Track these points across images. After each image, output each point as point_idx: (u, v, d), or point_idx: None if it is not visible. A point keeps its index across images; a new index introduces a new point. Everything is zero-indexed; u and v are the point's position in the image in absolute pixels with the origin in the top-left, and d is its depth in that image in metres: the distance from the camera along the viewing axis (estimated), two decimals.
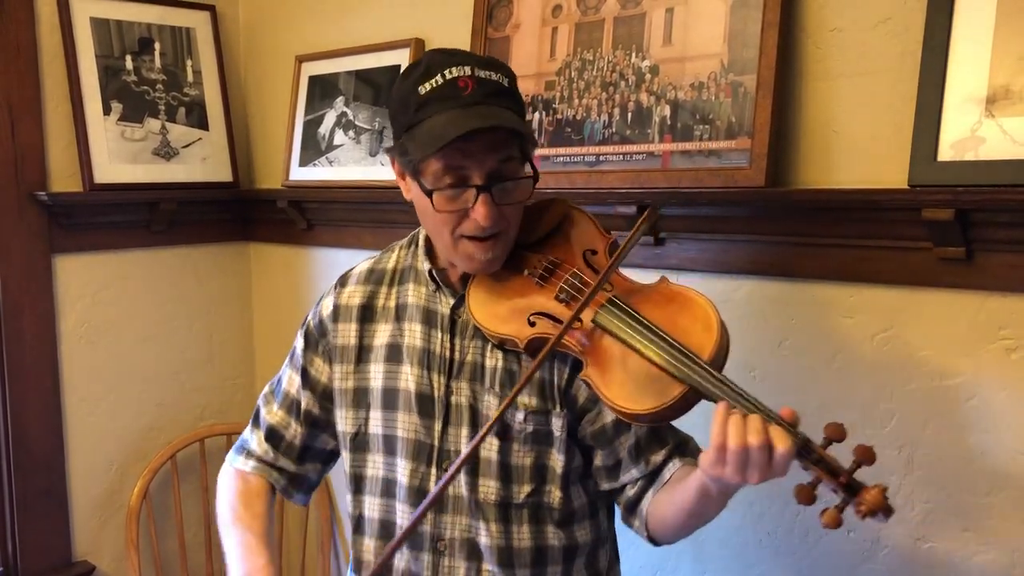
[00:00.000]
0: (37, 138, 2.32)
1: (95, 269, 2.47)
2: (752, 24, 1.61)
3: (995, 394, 1.44)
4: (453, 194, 1.24)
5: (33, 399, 2.35)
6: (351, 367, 1.43)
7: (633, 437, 1.32)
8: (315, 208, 2.50)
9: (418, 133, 1.22)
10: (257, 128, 2.77)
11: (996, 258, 1.41)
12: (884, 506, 1.06)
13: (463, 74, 1.22)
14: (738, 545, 1.77)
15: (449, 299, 1.37)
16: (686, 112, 1.70)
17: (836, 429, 1.10)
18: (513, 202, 1.27)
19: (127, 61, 2.46)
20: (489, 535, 1.32)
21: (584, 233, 1.36)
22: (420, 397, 1.36)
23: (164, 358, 2.62)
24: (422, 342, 1.37)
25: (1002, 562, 1.46)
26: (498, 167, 1.23)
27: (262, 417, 1.52)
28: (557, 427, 1.32)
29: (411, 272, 1.43)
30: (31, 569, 2.36)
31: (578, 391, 1.33)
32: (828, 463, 1.09)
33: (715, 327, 1.17)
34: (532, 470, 1.33)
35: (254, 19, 2.74)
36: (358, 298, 1.44)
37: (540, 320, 1.27)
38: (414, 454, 1.36)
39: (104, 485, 2.52)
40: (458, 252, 1.29)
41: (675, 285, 1.28)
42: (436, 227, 1.29)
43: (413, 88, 1.24)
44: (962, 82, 1.39)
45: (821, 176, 1.59)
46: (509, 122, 1.22)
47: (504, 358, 1.34)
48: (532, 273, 1.32)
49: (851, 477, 1.08)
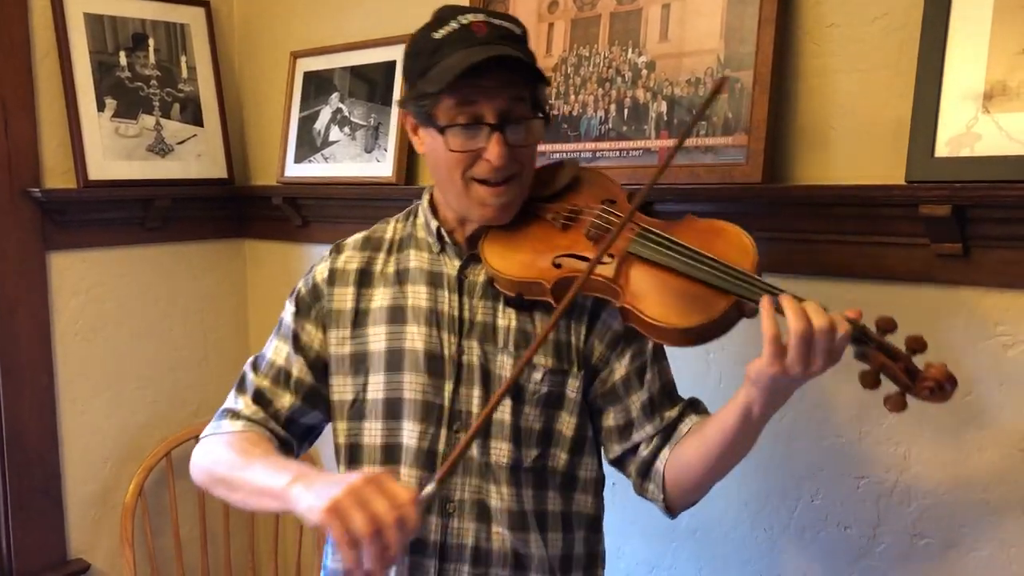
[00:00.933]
0: (30, 135, 2.30)
1: (89, 266, 2.46)
2: (748, 20, 1.60)
3: (992, 390, 1.44)
4: (467, 133, 1.24)
5: (27, 397, 2.34)
6: (347, 331, 1.38)
7: (646, 394, 1.33)
8: (310, 205, 2.49)
9: (433, 73, 1.23)
10: (252, 124, 2.76)
11: (993, 254, 1.41)
12: (949, 375, 1.10)
13: (477, 19, 1.24)
14: (736, 540, 1.77)
15: (455, 260, 1.36)
16: (683, 108, 1.70)
17: (888, 321, 1.13)
18: (526, 144, 1.27)
19: (121, 57, 2.45)
20: (500, 497, 1.31)
21: (600, 185, 1.38)
22: (429, 356, 1.33)
23: (159, 355, 2.61)
24: (428, 302, 1.35)
25: (999, 558, 1.46)
26: (510, 106, 1.24)
27: (248, 381, 1.42)
28: (573, 388, 1.32)
29: (410, 240, 1.41)
30: (26, 567, 2.35)
31: (592, 350, 1.33)
32: (888, 347, 1.12)
33: (751, 248, 1.21)
34: (540, 434, 1.32)
35: (249, 15, 2.73)
36: (355, 263, 1.41)
37: (567, 261, 1.27)
38: (423, 415, 1.32)
39: (99, 482, 2.51)
40: (471, 198, 1.29)
41: (703, 219, 1.29)
42: (448, 171, 1.28)
43: (427, 36, 1.26)
44: (959, 78, 1.39)
45: (818, 172, 1.59)
46: (522, 55, 1.23)
47: (517, 317, 1.32)
48: (555, 218, 1.32)
49: (910, 360, 1.12)
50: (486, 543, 1.32)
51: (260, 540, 2.74)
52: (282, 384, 1.41)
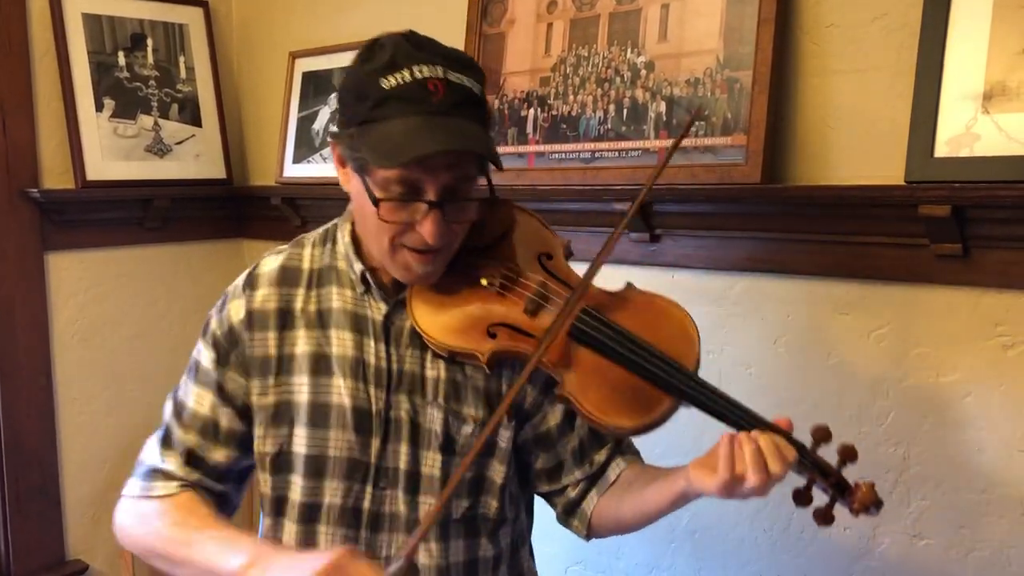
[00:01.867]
0: (29, 135, 2.30)
1: (88, 266, 2.46)
2: (748, 20, 1.60)
3: (991, 391, 1.44)
4: (403, 205, 1.13)
5: (26, 397, 2.34)
6: (270, 380, 1.27)
7: (576, 439, 1.29)
8: (309, 205, 2.49)
9: (375, 135, 1.10)
10: (251, 125, 2.76)
11: (992, 254, 1.41)
12: (876, 500, 1.11)
13: (434, 75, 1.10)
14: (735, 541, 1.77)
15: (381, 304, 1.25)
16: (682, 108, 1.69)
17: (823, 431, 1.12)
18: (463, 220, 1.18)
19: (119, 57, 2.45)
20: (429, 554, 1.25)
21: (535, 236, 1.28)
22: (357, 412, 1.24)
23: (157, 355, 2.61)
24: (354, 351, 1.24)
25: (998, 559, 1.46)
26: (454, 184, 1.13)
27: (176, 438, 1.31)
28: (504, 438, 1.27)
29: (331, 273, 1.28)
30: (24, 568, 2.35)
31: (525, 397, 1.27)
32: (821, 465, 1.12)
33: (694, 336, 1.16)
34: (471, 484, 1.26)
35: (247, 15, 2.73)
36: (273, 302, 1.28)
37: (501, 331, 1.19)
38: (347, 473, 1.24)
39: (97, 483, 2.51)
40: (395, 261, 1.19)
41: (645, 292, 1.23)
42: (375, 233, 1.17)
43: (374, 79, 1.10)
44: (958, 78, 1.39)
45: (817, 172, 1.59)
46: (478, 145, 1.12)
47: (446, 368, 1.24)
48: (490, 283, 1.23)
49: (841, 476, 1.12)
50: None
51: None
52: (211, 437, 1.30)
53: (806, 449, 1.11)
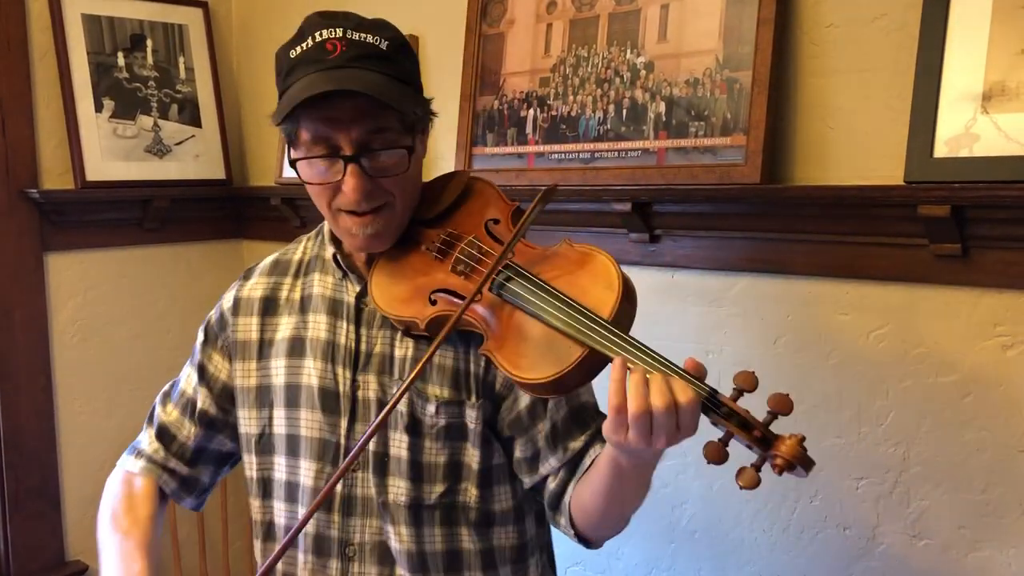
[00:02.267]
0: (28, 135, 2.30)
1: (87, 267, 2.45)
2: (747, 20, 1.60)
3: (991, 391, 1.44)
4: (323, 164, 1.16)
5: (25, 398, 2.33)
6: (253, 363, 1.33)
7: (549, 423, 1.24)
8: (308, 205, 2.48)
9: (283, 99, 1.17)
10: (250, 125, 2.76)
11: (992, 255, 1.41)
12: (801, 456, 0.96)
13: (332, 36, 1.16)
14: (734, 542, 1.77)
15: (355, 286, 1.29)
16: (681, 109, 1.69)
17: (746, 378, 1.00)
18: (391, 173, 1.18)
19: (119, 58, 2.45)
20: (399, 539, 1.24)
21: (486, 203, 1.27)
22: (324, 392, 1.27)
23: (157, 356, 2.61)
24: (327, 334, 1.29)
25: (998, 559, 1.46)
26: (367, 137, 1.15)
27: (156, 415, 1.43)
28: (472, 419, 1.24)
29: (317, 262, 1.34)
30: (24, 569, 2.34)
31: (495, 377, 1.25)
32: (739, 416, 0.99)
33: (616, 284, 1.08)
34: (445, 468, 1.24)
35: (247, 16, 2.73)
36: (260, 290, 1.36)
37: (441, 298, 1.19)
38: (319, 454, 1.27)
39: (97, 484, 2.47)
40: (340, 228, 1.22)
41: (578, 245, 1.17)
42: (317, 201, 1.22)
43: (286, 52, 1.20)
44: (958, 79, 1.39)
45: (817, 173, 1.59)
46: (367, 87, 1.11)
47: (415, 347, 1.25)
48: (430, 248, 1.24)
49: (766, 429, 0.99)
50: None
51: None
52: (187, 414, 1.40)
53: (717, 394, 1.00)
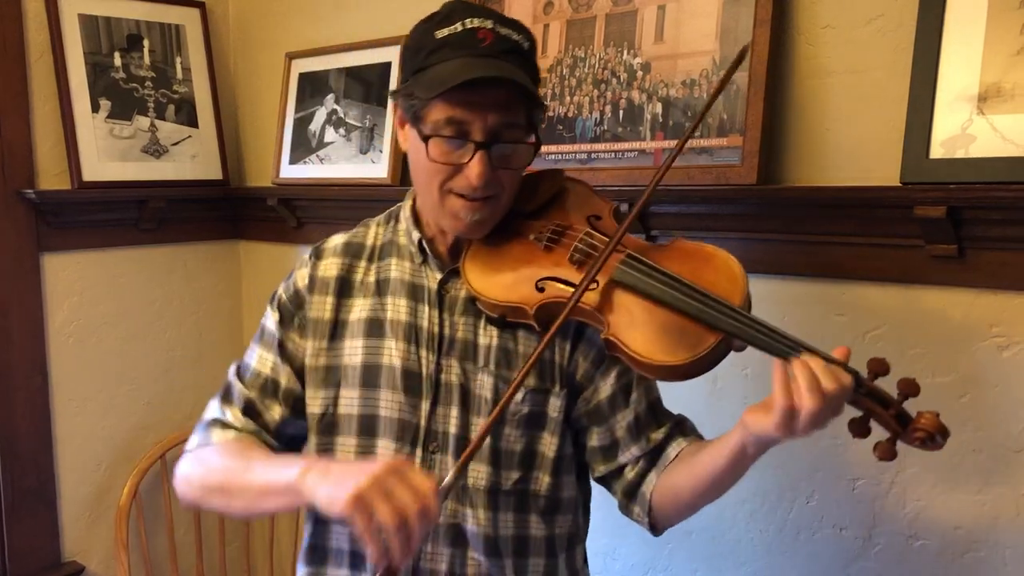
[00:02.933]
0: (24, 135, 2.30)
1: (83, 267, 2.45)
2: (744, 21, 1.60)
3: (987, 391, 1.44)
4: (451, 145, 1.19)
5: (21, 398, 2.33)
6: (323, 343, 1.34)
7: (631, 414, 1.29)
8: (305, 206, 2.49)
9: (427, 76, 1.18)
10: (247, 126, 2.76)
11: (987, 256, 1.41)
12: (941, 427, 1.06)
13: (484, 26, 1.19)
14: (730, 543, 1.77)
15: (436, 273, 1.31)
16: (678, 110, 1.70)
17: (880, 363, 1.09)
18: (510, 167, 1.22)
19: (116, 58, 2.45)
20: (476, 522, 1.27)
21: (585, 200, 1.33)
22: (407, 374, 1.28)
23: (153, 357, 2.61)
24: (408, 316, 1.30)
25: (994, 560, 1.46)
26: (500, 128, 1.19)
27: (236, 392, 1.38)
28: (555, 407, 1.28)
29: (392, 247, 1.36)
30: (20, 570, 2.34)
31: (576, 368, 1.29)
32: (879, 394, 1.08)
33: (740, 277, 1.16)
34: (521, 456, 1.28)
35: (244, 16, 2.72)
36: (334, 270, 1.36)
37: (550, 285, 1.22)
38: (398, 434, 1.28)
39: (93, 485, 2.50)
40: (444, 208, 1.24)
41: (691, 242, 1.24)
42: (427, 178, 1.23)
43: (430, 32, 1.21)
44: (953, 80, 1.40)
45: (813, 174, 1.59)
46: (523, 80, 1.17)
47: (499, 335, 1.28)
48: (538, 238, 1.27)
49: (901, 407, 1.08)
50: (461, 569, 1.28)
51: (255, 542, 2.73)
52: (270, 395, 1.36)
53: (861, 376, 1.08)
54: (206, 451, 1.32)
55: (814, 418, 1.02)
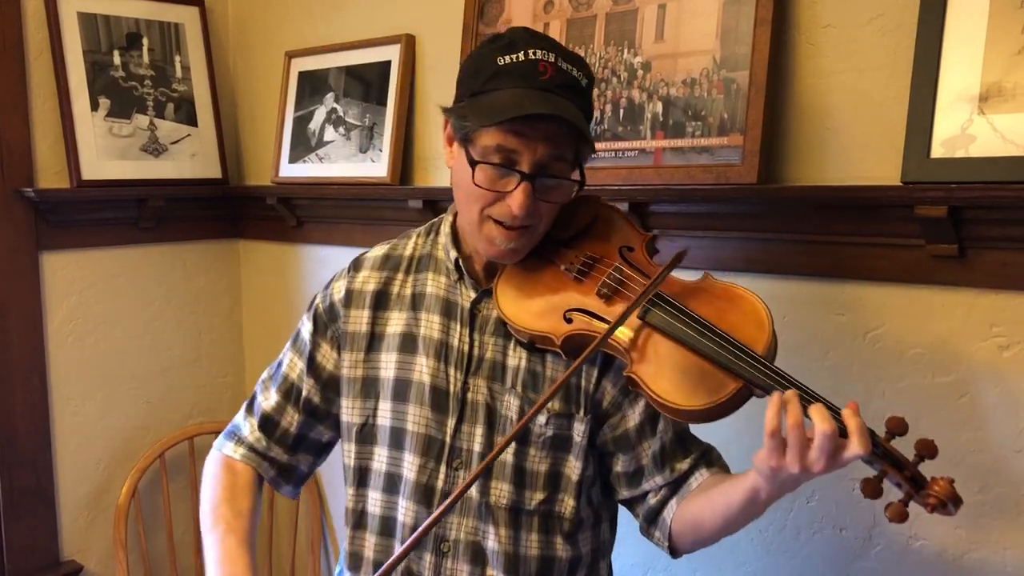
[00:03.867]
0: (23, 134, 2.29)
1: (82, 266, 2.45)
2: (744, 20, 1.60)
3: (987, 391, 1.44)
4: (497, 173, 1.21)
5: (20, 397, 2.33)
6: (361, 355, 1.37)
7: (658, 443, 1.30)
8: (305, 205, 2.48)
9: (484, 101, 1.19)
10: (246, 124, 2.75)
11: (988, 255, 1.41)
12: (954, 495, 1.05)
13: (546, 59, 1.19)
14: (731, 543, 1.77)
15: (471, 291, 1.33)
16: (678, 109, 1.69)
17: (898, 423, 1.08)
18: (552, 200, 1.24)
19: (115, 56, 2.44)
20: (497, 540, 1.29)
21: (619, 230, 1.34)
22: (434, 391, 1.31)
23: (152, 356, 2.60)
24: (440, 334, 1.33)
25: (994, 560, 1.46)
26: (548, 161, 1.20)
27: (257, 403, 1.45)
28: (579, 432, 1.29)
29: (430, 260, 1.38)
30: (19, 569, 2.34)
31: (603, 395, 1.30)
32: (894, 456, 1.08)
33: (766, 322, 1.16)
34: (546, 477, 1.29)
35: (243, 14, 2.72)
36: (372, 284, 1.39)
37: (577, 316, 1.24)
38: (423, 449, 1.31)
39: (92, 484, 2.50)
40: (481, 232, 1.26)
41: (720, 281, 1.25)
42: (468, 200, 1.25)
43: (492, 57, 1.21)
44: (954, 79, 1.39)
45: (813, 173, 1.59)
46: (576, 118, 1.18)
47: (528, 358, 1.30)
48: (569, 268, 1.29)
49: (916, 470, 1.07)
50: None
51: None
52: (292, 401, 1.43)
53: (876, 435, 1.08)
54: (214, 465, 1.44)
55: (798, 446, 1.05)
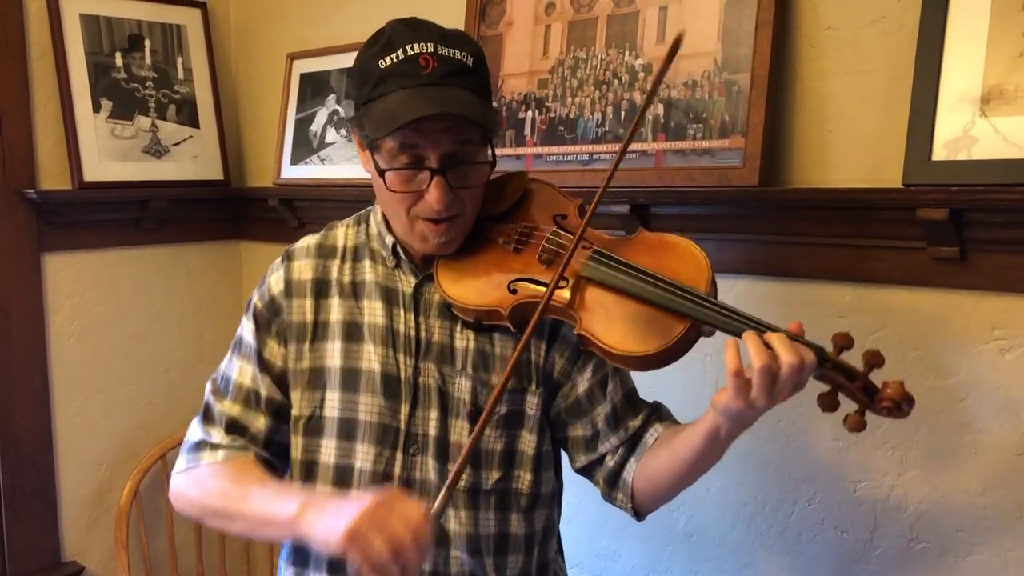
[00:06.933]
0: (25, 135, 2.30)
1: (84, 267, 2.45)
2: (746, 22, 1.60)
3: (989, 394, 1.44)
4: (408, 175, 1.21)
5: (22, 398, 2.33)
6: (306, 345, 1.34)
7: (608, 405, 1.32)
8: (306, 206, 2.48)
9: (374, 110, 1.19)
10: (248, 126, 2.75)
11: (990, 258, 1.41)
12: (906, 395, 1.08)
13: (424, 51, 1.19)
14: (731, 545, 1.77)
15: (411, 277, 1.32)
16: (679, 111, 1.69)
17: (844, 337, 1.11)
18: (469, 186, 1.24)
19: (117, 58, 2.44)
20: (459, 521, 1.29)
21: (550, 200, 1.35)
22: (385, 378, 1.30)
23: (154, 357, 2.61)
24: (384, 320, 1.32)
25: (995, 563, 1.46)
26: (454, 149, 1.20)
27: (216, 412, 1.37)
28: (532, 405, 1.31)
29: (365, 250, 1.36)
30: (20, 570, 2.34)
31: (553, 365, 1.32)
32: (845, 367, 1.10)
33: (704, 264, 1.18)
34: (502, 455, 1.30)
35: (245, 16, 2.72)
36: (310, 272, 1.36)
37: (522, 286, 1.25)
38: (378, 438, 1.29)
39: (94, 485, 2.50)
40: (414, 232, 1.26)
41: (654, 233, 1.27)
42: (392, 206, 1.26)
43: (374, 61, 1.20)
44: (956, 81, 1.39)
45: (815, 175, 1.59)
46: (465, 109, 1.17)
47: (475, 338, 1.30)
48: (507, 242, 1.30)
49: (867, 378, 1.10)
50: (444, 568, 1.29)
51: (255, 543, 2.73)
52: (253, 407, 1.36)
53: (826, 351, 1.10)
54: (199, 472, 1.34)
55: (767, 381, 1.04)
